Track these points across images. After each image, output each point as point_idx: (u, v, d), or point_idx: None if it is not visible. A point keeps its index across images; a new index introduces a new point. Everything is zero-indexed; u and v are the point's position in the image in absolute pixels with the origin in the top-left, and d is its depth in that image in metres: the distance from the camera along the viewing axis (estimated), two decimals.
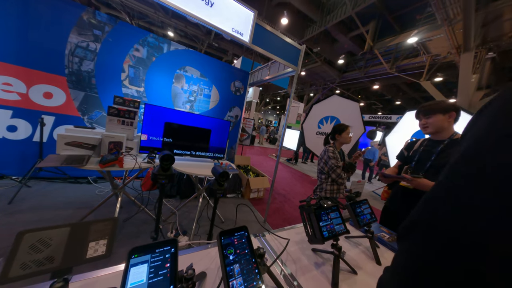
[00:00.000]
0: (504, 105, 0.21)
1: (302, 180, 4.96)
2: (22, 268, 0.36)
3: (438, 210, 0.23)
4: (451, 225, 0.20)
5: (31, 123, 2.17)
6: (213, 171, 1.04)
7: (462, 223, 0.19)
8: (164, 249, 0.42)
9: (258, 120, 17.42)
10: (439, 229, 0.22)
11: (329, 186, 1.59)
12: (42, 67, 2.13)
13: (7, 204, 1.74)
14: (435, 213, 0.23)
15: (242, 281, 0.44)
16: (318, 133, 4.00)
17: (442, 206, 0.23)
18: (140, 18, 7.80)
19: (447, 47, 5.18)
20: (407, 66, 7.28)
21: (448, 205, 0.22)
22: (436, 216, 0.23)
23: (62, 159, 1.24)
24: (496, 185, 0.18)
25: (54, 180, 2.37)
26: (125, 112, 1.62)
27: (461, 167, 0.23)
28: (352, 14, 5.69)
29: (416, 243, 0.24)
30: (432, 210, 0.24)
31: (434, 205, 0.24)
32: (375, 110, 16.14)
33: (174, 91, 3.01)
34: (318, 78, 11.57)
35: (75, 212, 1.82)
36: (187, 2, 1.39)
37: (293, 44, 2.01)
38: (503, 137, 0.19)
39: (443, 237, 0.21)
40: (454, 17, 4.22)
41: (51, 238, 0.40)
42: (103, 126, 2.48)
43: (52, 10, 2.08)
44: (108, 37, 2.40)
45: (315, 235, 0.68)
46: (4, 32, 1.93)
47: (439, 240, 0.21)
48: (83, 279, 0.48)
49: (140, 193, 2.03)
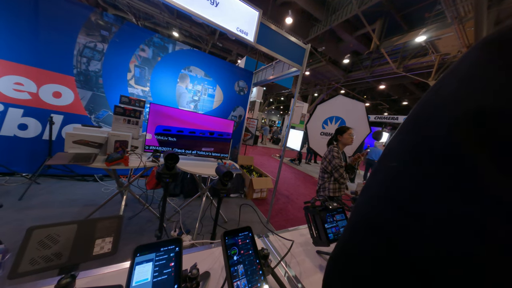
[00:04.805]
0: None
1: (305, 181, 4.92)
2: (31, 263, 0.37)
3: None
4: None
5: (41, 121, 2.23)
6: (216, 170, 1.04)
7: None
8: (169, 248, 0.42)
9: (261, 120, 17.42)
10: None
11: (331, 185, 1.63)
12: (52, 67, 2.19)
13: (17, 200, 1.80)
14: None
15: (246, 282, 0.43)
16: (322, 134, 3.95)
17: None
18: (146, 19, 7.91)
19: (457, 46, 5.03)
20: (414, 66, 7.11)
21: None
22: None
23: (70, 157, 1.26)
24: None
25: (62, 177, 2.43)
26: (131, 111, 1.65)
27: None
28: (358, 12, 5.59)
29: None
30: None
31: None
32: (381, 111, 15.85)
33: (178, 90, 3.04)
34: (323, 78, 11.45)
35: (82, 209, 1.86)
36: (192, 2, 1.40)
37: (297, 44, 1.99)
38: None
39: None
40: (465, 14, 4.09)
41: (59, 235, 0.40)
42: (109, 125, 2.53)
43: (61, 12, 2.14)
44: (115, 37, 2.45)
45: (320, 237, 0.67)
46: (16, 33, 2.00)
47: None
48: (89, 276, 0.49)
49: (144, 192, 2.06)
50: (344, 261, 0.22)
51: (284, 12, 6.43)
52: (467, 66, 0.17)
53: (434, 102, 0.18)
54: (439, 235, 0.14)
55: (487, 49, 0.16)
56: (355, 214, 0.23)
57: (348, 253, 0.22)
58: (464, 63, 0.17)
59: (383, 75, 8.37)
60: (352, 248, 0.21)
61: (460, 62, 0.18)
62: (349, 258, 0.22)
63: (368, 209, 0.21)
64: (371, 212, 0.20)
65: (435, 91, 0.19)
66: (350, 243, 0.22)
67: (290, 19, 6.25)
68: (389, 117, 12.37)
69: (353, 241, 0.22)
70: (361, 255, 0.20)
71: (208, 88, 3.30)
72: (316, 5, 6.38)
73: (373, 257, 0.18)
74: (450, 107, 0.16)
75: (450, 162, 0.14)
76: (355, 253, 0.21)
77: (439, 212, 0.14)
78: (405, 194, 0.17)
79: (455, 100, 0.16)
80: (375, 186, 0.21)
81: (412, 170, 0.17)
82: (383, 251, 0.17)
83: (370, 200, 0.21)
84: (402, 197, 0.17)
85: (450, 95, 0.16)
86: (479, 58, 0.16)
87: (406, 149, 0.19)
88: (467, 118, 0.14)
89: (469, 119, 0.14)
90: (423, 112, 0.19)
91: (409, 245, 0.15)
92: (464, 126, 0.14)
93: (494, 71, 0.14)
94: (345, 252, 0.23)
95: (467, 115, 0.14)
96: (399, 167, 0.18)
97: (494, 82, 0.14)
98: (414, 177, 0.17)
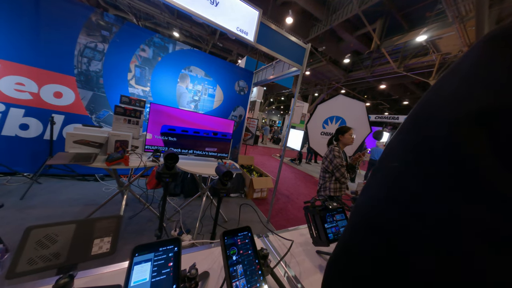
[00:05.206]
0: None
1: (305, 181, 4.91)
2: (29, 263, 0.36)
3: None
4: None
5: (42, 121, 2.24)
6: (216, 170, 1.04)
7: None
8: (168, 248, 0.42)
9: (262, 120, 17.40)
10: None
11: (332, 184, 1.63)
12: (53, 67, 2.20)
13: (19, 200, 1.80)
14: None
15: (245, 282, 0.43)
16: (322, 133, 3.94)
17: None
18: (147, 19, 7.93)
19: (459, 45, 5.00)
20: (415, 65, 7.08)
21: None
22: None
23: (70, 157, 1.27)
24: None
25: (63, 177, 2.44)
26: (131, 111, 1.65)
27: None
28: (359, 12, 5.57)
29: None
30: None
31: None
32: (382, 110, 15.80)
33: (179, 90, 3.04)
34: (323, 77, 11.42)
35: (83, 209, 1.87)
36: (193, 2, 1.39)
37: (298, 43, 1.98)
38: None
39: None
40: (466, 14, 4.06)
41: (57, 235, 0.40)
42: (110, 125, 2.54)
43: (62, 12, 2.14)
44: (116, 37, 2.45)
45: (320, 237, 0.67)
46: (18, 33, 2.00)
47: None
48: (88, 276, 0.48)
49: (145, 191, 2.06)
50: (345, 261, 0.22)
51: (284, 11, 6.42)
52: (469, 65, 0.16)
53: (434, 102, 0.18)
54: (439, 235, 0.14)
55: (489, 46, 0.15)
56: (355, 214, 0.23)
57: (348, 253, 0.22)
58: (466, 61, 0.17)
59: (383, 75, 8.34)
60: (352, 248, 0.21)
61: (461, 61, 0.17)
62: (349, 258, 0.21)
63: (369, 209, 0.21)
64: (372, 212, 0.20)
65: (435, 90, 0.18)
66: (351, 243, 0.22)
67: (291, 18, 6.24)
68: (390, 117, 12.33)
69: (354, 241, 0.21)
70: (362, 255, 0.20)
71: (209, 88, 3.30)
72: (316, 4, 6.36)
73: (374, 257, 0.18)
74: (451, 107, 0.16)
75: (451, 162, 0.14)
76: (355, 253, 0.21)
77: (440, 212, 0.14)
78: (405, 194, 0.17)
79: (456, 99, 0.16)
80: (376, 186, 0.21)
81: (412, 170, 0.17)
82: (384, 251, 0.17)
83: (370, 200, 0.21)
84: (402, 197, 0.17)
85: (451, 94, 0.16)
86: (481, 56, 0.16)
87: (407, 149, 0.18)
88: (469, 119, 0.14)
89: (471, 119, 0.14)
90: (423, 112, 0.19)
91: (409, 245, 0.15)
92: (465, 126, 0.14)
93: (497, 69, 0.14)
94: (345, 252, 0.22)
95: (469, 115, 0.14)
96: (400, 167, 0.18)
97: (497, 80, 0.13)
98: (415, 177, 0.16)
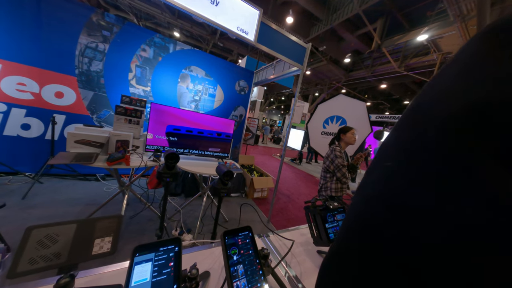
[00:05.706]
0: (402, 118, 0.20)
1: (306, 181, 4.91)
2: (30, 263, 0.37)
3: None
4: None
5: (43, 121, 2.25)
6: (217, 170, 1.04)
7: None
8: (168, 247, 0.42)
9: (262, 119, 17.40)
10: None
11: (334, 184, 1.62)
12: (54, 67, 2.21)
13: (21, 199, 1.81)
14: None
15: (246, 282, 0.43)
16: (323, 133, 3.94)
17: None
18: (147, 19, 7.94)
19: (460, 44, 4.98)
20: (416, 65, 7.05)
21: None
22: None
23: (71, 157, 1.27)
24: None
25: (65, 177, 2.45)
26: (132, 111, 1.65)
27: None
28: (359, 11, 5.56)
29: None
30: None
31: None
32: (382, 110, 15.74)
33: (179, 90, 3.04)
34: (324, 77, 11.40)
35: (84, 209, 1.87)
36: (193, 2, 1.39)
37: (298, 43, 1.98)
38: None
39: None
40: (467, 12, 4.04)
41: (58, 234, 0.40)
42: (111, 124, 2.54)
43: (63, 12, 2.15)
44: (116, 37, 2.46)
45: (321, 237, 0.67)
46: (19, 34, 2.01)
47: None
48: (88, 275, 0.49)
49: (146, 191, 2.06)
50: (338, 261, 0.22)
51: (285, 11, 6.41)
52: (466, 58, 0.16)
53: (430, 97, 0.17)
54: (435, 235, 0.13)
55: (488, 38, 0.15)
56: (349, 213, 0.22)
57: (342, 254, 0.21)
58: (463, 54, 0.16)
59: (384, 74, 8.31)
60: (346, 249, 0.21)
61: (459, 54, 0.17)
62: (343, 259, 0.21)
63: (362, 208, 0.20)
64: (365, 212, 0.20)
65: (431, 85, 0.18)
66: (344, 243, 0.22)
67: (291, 18, 6.23)
68: (390, 117, 12.27)
69: (348, 241, 0.21)
70: (355, 255, 0.19)
71: (209, 88, 3.30)
72: (317, 4, 6.35)
73: (367, 257, 0.18)
74: (448, 101, 0.15)
75: (445, 159, 0.14)
76: (349, 253, 0.20)
77: (435, 210, 0.14)
78: (398, 192, 0.16)
79: (451, 94, 0.15)
80: (370, 185, 0.21)
81: (405, 169, 0.17)
82: (379, 251, 0.17)
83: (364, 199, 0.21)
84: (395, 196, 0.17)
85: (447, 89, 0.16)
86: (479, 48, 0.15)
87: (401, 147, 0.18)
88: (464, 114, 0.13)
89: (467, 115, 0.13)
90: (419, 108, 0.18)
91: (402, 245, 0.15)
92: (460, 122, 0.13)
93: (495, 62, 0.13)
94: (339, 252, 0.22)
95: (464, 109, 0.13)
96: (393, 166, 0.18)
97: (495, 73, 0.13)
98: (408, 176, 0.16)
